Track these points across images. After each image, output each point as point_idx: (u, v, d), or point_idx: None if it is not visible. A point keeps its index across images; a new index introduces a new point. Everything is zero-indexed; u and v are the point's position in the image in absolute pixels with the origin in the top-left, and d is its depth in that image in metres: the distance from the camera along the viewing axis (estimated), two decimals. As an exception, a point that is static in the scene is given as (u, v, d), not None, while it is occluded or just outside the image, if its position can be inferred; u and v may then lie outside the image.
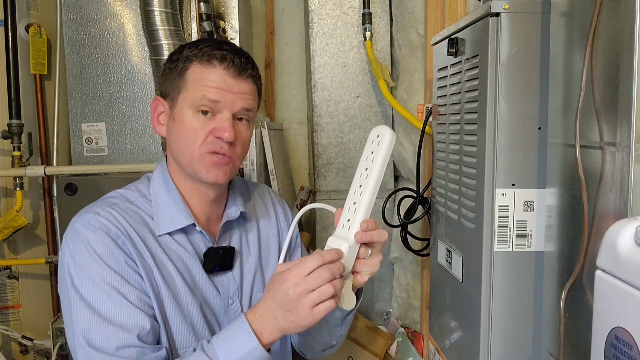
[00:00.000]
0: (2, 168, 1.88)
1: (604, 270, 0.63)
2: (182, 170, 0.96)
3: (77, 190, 1.72)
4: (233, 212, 1.02)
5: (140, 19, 1.67)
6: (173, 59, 0.95)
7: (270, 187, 1.67)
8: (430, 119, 1.35)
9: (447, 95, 1.20)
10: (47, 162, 1.96)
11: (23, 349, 1.95)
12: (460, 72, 1.10)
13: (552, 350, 0.89)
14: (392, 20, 1.97)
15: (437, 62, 1.29)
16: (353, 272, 0.85)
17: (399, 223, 1.48)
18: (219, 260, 0.97)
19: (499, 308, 0.99)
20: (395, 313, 1.98)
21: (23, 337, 1.91)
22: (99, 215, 0.89)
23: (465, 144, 1.08)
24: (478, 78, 1.00)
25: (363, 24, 1.93)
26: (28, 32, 1.90)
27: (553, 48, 0.88)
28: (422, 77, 1.71)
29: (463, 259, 1.10)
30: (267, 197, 1.16)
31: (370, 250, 0.85)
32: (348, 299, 0.84)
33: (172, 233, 0.94)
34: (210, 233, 0.99)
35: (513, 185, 0.97)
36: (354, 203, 0.83)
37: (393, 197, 1.59)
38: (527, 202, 0.97)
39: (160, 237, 0.94)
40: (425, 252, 1.49)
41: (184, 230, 0.96)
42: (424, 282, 1.69)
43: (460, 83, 1.10)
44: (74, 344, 0.86)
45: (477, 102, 1.01)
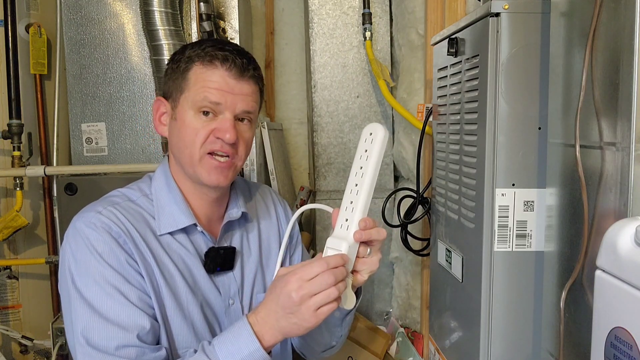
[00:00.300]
0: (2, 168, 1.88)
1: (604, 270, 0.63)
2: (183, 171, 0.96)
3: (77, 190, 1.72)
4: (234, 212, 1.02)
5: (140, 19, 1.67)
6: (175, 60, 0.95)
7: (270, 187, 1.66)
8: (430, 119, 1.35)
9: (447, 95, 1.20)
10: (47, 162, 1.96)
11: (23, 349, 1.95)
12: (460, 72, 1.10)
13: (552, 350, 0.89)
14: (392, 20, 1.97)
15: (437, 62, 1.29)
16: (353, 271, 0.85)
17: (399, 223, 1.48)
18: (220, 261, 0.97)
19: (499, 308, 0.99)
20: (395, 313, 1.98)
21: (23, 337, 1.91)
22: (101, 214, 0.89)
23: (465, 144, 1.08)
24: (478, 78, 1.01)
25: (363, 24, 1.94)
26: (28, 32, 1.90)
27: (553, 48, 0.88)
28: (422, 77, 1.71)
29: (463, 259, 1.10)
30: (268, 197, 1.16)
31: (370, 249, 0.85)
32: (348, 299, 0.84)
33: (173, 233, 0.94)
34: (212, 233, 0.99)
35: (513, 185, 0.97)
36: (351, 202, 0.83)
37: (393, 197, 1.59)
38: (527, 202, 0.97)
39: (162, 236, 0.93)
40: (425, 252, 1.49)
41: (185, 230, 0.96)
42: (424, 282, 1.69)
43: (460, 83, 1.10)
44: (74, 343, 0.86)
45: (477, 102, 1.01)
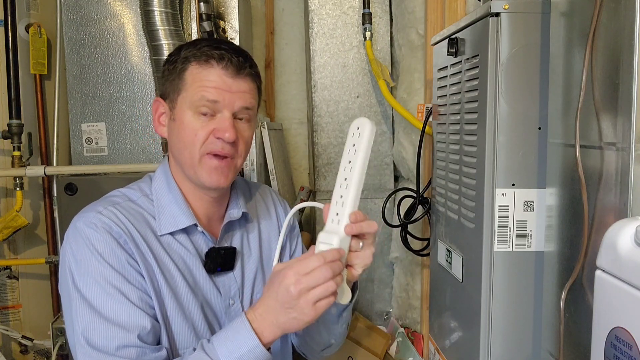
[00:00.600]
0: (2, 168, 1.88)
1: (604, 270, 0.63)
2: (183, 172, 0.96)
3: (77, 190, 1.72)
4: (235, 212, 1.02)
5: (140, 19, 1.67)
6: (171, 60, 0.95)
7: (270, 187, 1.66)
8: (430, 119, 1.35)
9: (447, 95, 1.20)
10: (47, 162, 1.96)
11: (23, 349, 1.95)
12: (460, 72, 1.10)
13: (552, 350, 0.89)
14: (392, 20, 1.97)
15: (437, 62, 1.29)
16: (347, 265, 0.85)
17: (399, 223, 1.48)
18: (221, 261, 0.97)
19: (499, 308, 0.99)
20: (395, 313, 1.98)
21: (23, 337, 1.91)
22: (101, 214, 0.89)
23: (465, 144, 1.08)
24: (478, 78, 1.01)
25: (363, 24, 1.94)
26: (28, 32, 1.90)
27: (553, 48, 0.88)
28: (422, 77, 1.71)
29: (463, 259, 1.10)
30: (268, 197, 1.16)
31: (362, 243, 0.85)
32: (345, 293, 0.85)
33: (173, 233, 0.94)
34: (212, 233, 0.99)
35: (513, 185, 0.97)
36: (341, 197, 0.83)
37: (393, 197, 1.59)
38: (527, 202, 0.97)
39: (162, 236, 0.93)
40: (425, 252, 1.49)
41: (186, 231, 0.96)
42: (424, 282, 1.69)
43: (460, 83, 1.10)
44: (74, 343, 0.86)
45: (477, 102, 1.01)
